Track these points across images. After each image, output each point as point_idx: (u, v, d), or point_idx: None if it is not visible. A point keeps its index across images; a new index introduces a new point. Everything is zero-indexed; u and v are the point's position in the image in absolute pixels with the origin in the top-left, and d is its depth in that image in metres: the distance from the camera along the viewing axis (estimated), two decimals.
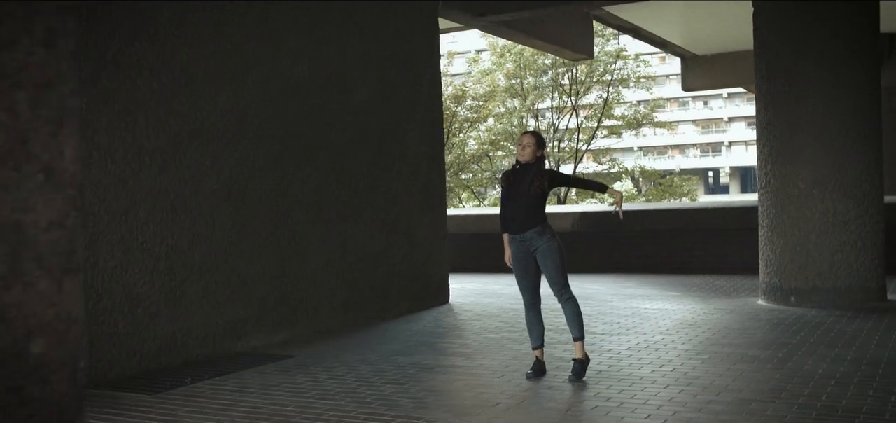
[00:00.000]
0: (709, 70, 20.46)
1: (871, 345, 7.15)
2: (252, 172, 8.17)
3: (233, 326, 7.93)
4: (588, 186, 6.94)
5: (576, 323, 6.39)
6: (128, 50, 6.99)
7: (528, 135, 6.49)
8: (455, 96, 32.47)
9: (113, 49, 6.87)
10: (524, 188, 6.32)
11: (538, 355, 6.53)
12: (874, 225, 9.51)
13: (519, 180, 6.36)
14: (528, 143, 6.40)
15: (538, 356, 6.52)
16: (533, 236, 6.33)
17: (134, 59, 7.04)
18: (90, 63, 6.70)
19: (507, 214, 6.42)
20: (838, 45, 9.39)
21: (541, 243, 6.33)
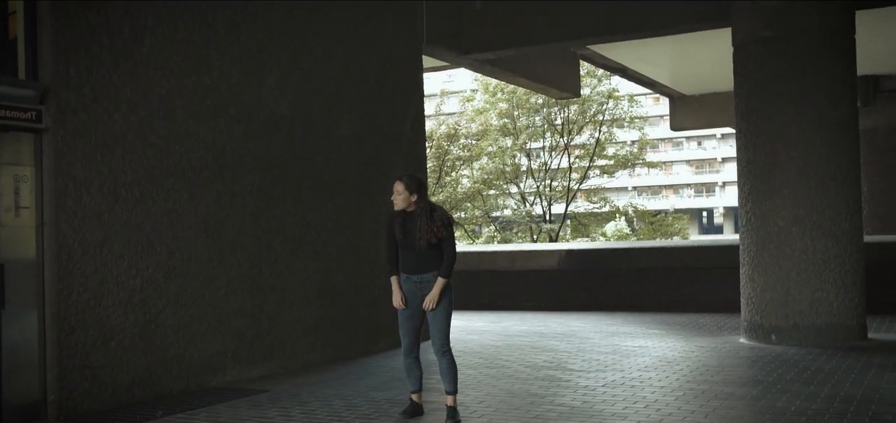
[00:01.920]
0: (697, 110, 20.58)
1: (847, 383, 7.14)
2: (231, 206, 8.18)
3: (208, 360, 7.90)
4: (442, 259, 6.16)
5: (450, 378, 6.15)
6: (106, 83, 7.02)
7: (398, 182, 6.10)
8: (448, 135, 32.60)
9: (91, 82, 6.90)
10: (414, 239, 6.04)
11: (416, 398, 6.39)
12: (854, 264, 9.52)
13: (409, 229, 6.08)
14: (399, 191, 6.07)
15: (415, 399, 6.39)
16: (431, 279, 6.08)
17: (112, 91, 7.07)
18: (68, 95, 6.73)
19: (402, 258, 6.15)
20: (815, 87, 9.46)
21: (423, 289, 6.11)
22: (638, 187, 66.61)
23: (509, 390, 7.33)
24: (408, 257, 6.12)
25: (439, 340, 6.14)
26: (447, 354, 6.17)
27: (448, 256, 6.06)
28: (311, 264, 9.16)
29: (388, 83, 10.43)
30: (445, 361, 6.15)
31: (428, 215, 6.06)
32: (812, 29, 9.47)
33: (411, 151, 10.83)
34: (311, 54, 9.23)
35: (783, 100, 9.52)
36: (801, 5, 9.42)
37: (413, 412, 6.36)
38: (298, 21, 9.08)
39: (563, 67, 15.35)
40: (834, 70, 9.56)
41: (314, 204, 9.23)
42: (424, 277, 6.09)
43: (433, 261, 6.06)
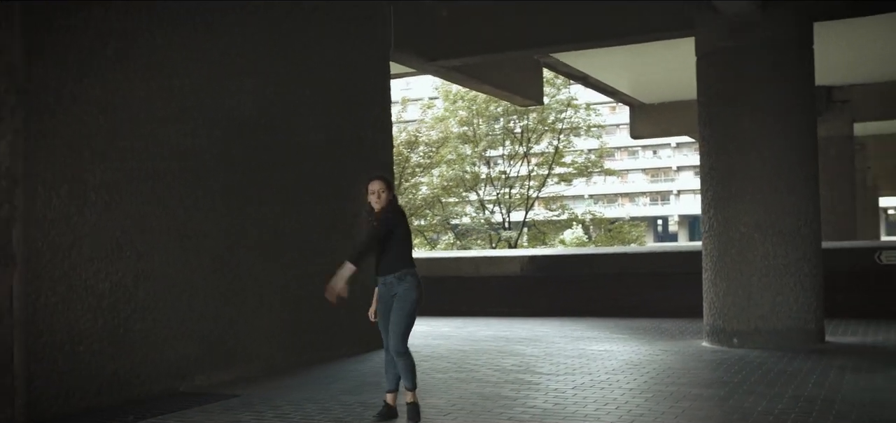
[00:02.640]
0: (656, 118, 20.90)
1: (809, 384, 7.31)
2: (199, 211, 8.14)
3: (177, 365, 7.84)
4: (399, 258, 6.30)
5: (407, 375, 6.20)
6: (74, 85, 6.96)
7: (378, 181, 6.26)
8: (408, 142, 32.67)
9: (59, 84, 6.84)
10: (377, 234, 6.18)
11: (389, 399, 6.41)
12: (813, 269, 9.74)
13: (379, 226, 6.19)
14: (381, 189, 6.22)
15: (389, 401, 6.41)
16: (394, 281, 6.20)
17: (80, 94, 7.01)
18: (35, 97, 6.66)
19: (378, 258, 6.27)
20: (776, 96, 9.68)
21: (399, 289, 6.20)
22: (594, 195, 67.25)
23: (480, 393, 7.39)
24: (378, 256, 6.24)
25: (394, 341, 6.18)
26: (403, 356, 6.18)
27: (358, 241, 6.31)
28: (279, 268, 9.14)
29: (355, 89, 10.46)
30: (401, 362, 6.19)
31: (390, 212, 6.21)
32: (773, 40, 9.68)
33: (378, 157, 10.86)
34: (278, 60, 9.23)
35: (745, 108, 9.72)
36: (763, 17, 9.63)
37: (387, 415, 6.38)
38: (266, 26, 9.08)
39: (527, 75, 15.49)
40: (794, 80, 9.79)
41: (282, 209, 9.21)
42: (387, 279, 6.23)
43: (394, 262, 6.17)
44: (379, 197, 6.23)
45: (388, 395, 6.43)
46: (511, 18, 12.09)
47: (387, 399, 6.44)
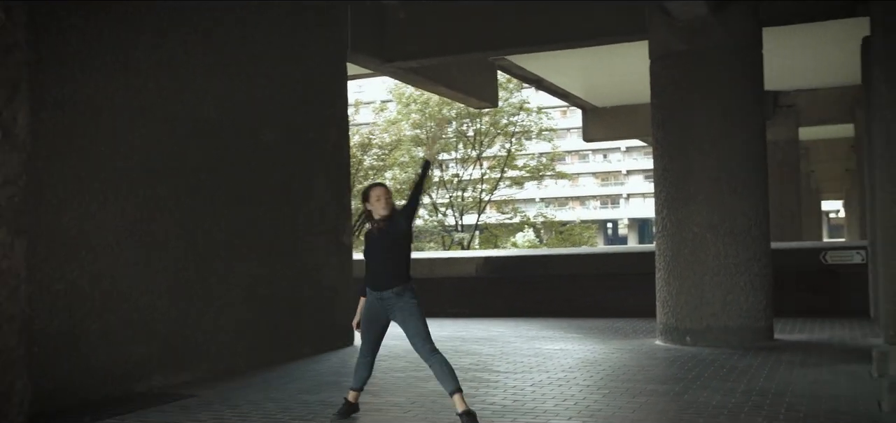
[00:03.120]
0: (609, 121, 21.18)
1: (761, 378, 7.50)
2: (157, 210, 8.08)
3: (133, 366, 7.77)
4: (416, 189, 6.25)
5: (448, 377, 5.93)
6: (30, 81, 6.85)
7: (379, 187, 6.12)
8: (361, 145, 32.59)
9: None
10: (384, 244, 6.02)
11: (351, 397, 6.38)
12: (762, 268, 9.97)
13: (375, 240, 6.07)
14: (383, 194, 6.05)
15: (350, 398, 6.38)
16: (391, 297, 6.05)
17: (36, 90, 6.91)
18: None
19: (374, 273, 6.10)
20: (727, 99, 9.88)
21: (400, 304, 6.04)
22: (545, 199, 67.79)
23: (440, 391, 7.38)
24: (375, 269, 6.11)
25: (422, 346, 5.99)
26: (435, 355, 5.97)
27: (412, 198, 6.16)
28: (237, 269, 9.10)
29: (313, 90, 10.45)
30: (437, 364, 5.94)
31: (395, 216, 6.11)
32: (723, 44, 9.89)
33: (336, 158, 10.87)
34: (237, 60, 9.19)
35: (697, 111, 9.92)
36: (714, 21, 9.83)
37: (347, 412, 6.38)
38: (225, 26, 9.04)
39: (482, 77, 15.61)
40: (744, 83, 10.01)
41: (240, 209, 9.18)
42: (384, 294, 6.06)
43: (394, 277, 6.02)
44: (386, 202, 6.04)
45: (351, 393, 6.44)
46: (467, 20, 12.18)
47: (349, 397, 6.44)
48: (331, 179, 10.72)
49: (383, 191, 6.10)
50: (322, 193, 10.54)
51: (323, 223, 10.54)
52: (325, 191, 10.60)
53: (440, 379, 5.98)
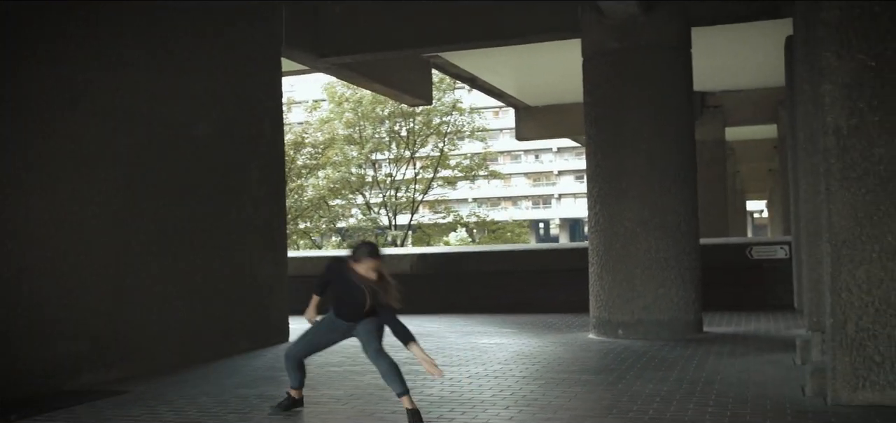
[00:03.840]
0: (541, 120, 21.40)
1: (691, 368, 7.69)
2: (87, 203, 7.91)
3: (63, 362, 7.59)
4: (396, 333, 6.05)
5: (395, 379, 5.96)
6: None
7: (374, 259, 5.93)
8: (294, 143, 32.33)
9: None
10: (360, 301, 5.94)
11: (294, 394, 6.33)
12: (692, 263, 10.21)
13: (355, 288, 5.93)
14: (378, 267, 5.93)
15: (294, 395, 6.33)
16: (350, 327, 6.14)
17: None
18: None
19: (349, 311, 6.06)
20: (658, 97, 10.10)
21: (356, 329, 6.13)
22: (478, 199, 68.14)
23: (376, 383, 7.42)
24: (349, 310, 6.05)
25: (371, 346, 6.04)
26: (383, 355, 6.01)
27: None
28: (170, 264, 8.97)
29: (247, 85, 10.35)
30: (384, 363, 5.97)
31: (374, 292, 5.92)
32: (654, 43, 10.10)
33: (270, 154, 10.78)
34: (170, 53, 9.06)
35: (629, 109, 10.11)
36: (645, 21, 10.04)
37: (289, 405, 6.33)
38: (158, 19, 8.90)
39: (417, 75, 15.64)
40: (673, 82, 10.24)
41: (173, 204, 9.04)
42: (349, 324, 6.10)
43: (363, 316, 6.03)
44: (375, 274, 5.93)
45: (293, 390, 6.36)
46: (402, 17, 12.19)
47: (291, 392, 6.37)
48: (265, 175, 10.63)
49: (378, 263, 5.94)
50: (256, 189, 10.44)
51: (257, 218, 10.44)
52: (260, 186, 10.51)
53: (388, 381, 5.98)
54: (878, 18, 5.81)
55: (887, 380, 5.76)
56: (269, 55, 10.90)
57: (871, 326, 5.79)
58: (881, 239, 5.78)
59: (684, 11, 10.31)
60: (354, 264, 5.91)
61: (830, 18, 5.89)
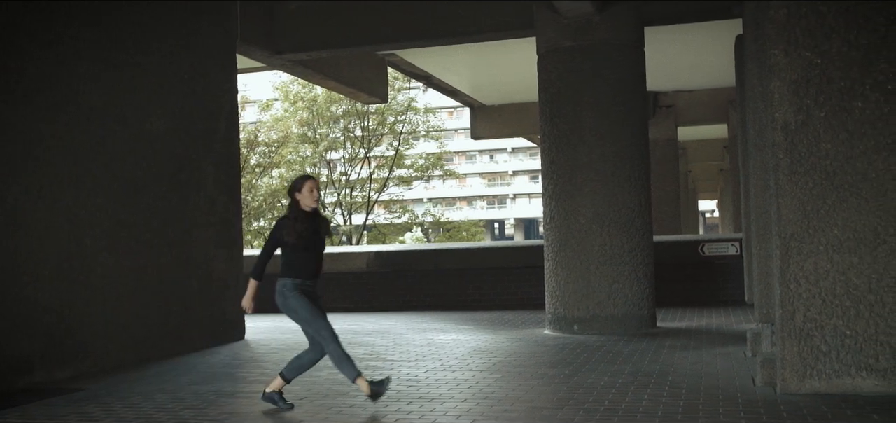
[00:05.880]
0: (496, 119, 21.52)
1: (645, 361, 7.81)
2: (39, 199, 7.80)
3: (14, 361, 7.48)
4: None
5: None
6: None
7: (314, 179, 6.21)
8: (248, 142, 32.09)
9: None
10: (320, 236, 6.17)
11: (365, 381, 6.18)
12: (645, 258, 10.36)
13: (313, 228, 6.13)
14: (314, 189, 6.14)
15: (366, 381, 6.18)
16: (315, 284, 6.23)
17: None
18: None
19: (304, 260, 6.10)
20: (612, 95, 10.23)
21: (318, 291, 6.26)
22: (433, 199, 68.23)
23: (334, 378, 7.44)
24: (309, 259, 6.11)
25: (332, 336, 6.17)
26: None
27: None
28: (124, 261, 8.87)
29: (201, 81, 10.27)
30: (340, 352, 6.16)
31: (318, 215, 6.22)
32: (610, 41, 10.23)
33: (225, 151, 10.71)
34: (124, 48, 8.96)
35: (583, 106, 10.22)
36: (598, 20, 10.17)
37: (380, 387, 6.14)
38: (112, 13, 8.80)
39: (373, 73, 15.64)
40: (627, 80, 10.38)
41: (127, 200, 8.95)
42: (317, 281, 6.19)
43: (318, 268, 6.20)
44: (317, 196, 6.18)
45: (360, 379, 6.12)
46: (357, 15, 12.19)
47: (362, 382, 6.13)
48: (220, 171, 10.56)
49: (316, 184, 6.19)
50: (211, 185, 10.37)
51: (212, 215, 10.37)
52: (215, 183, 10.44)
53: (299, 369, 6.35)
54: (824, 17, 5.97)
55: (833, 369, 5.92)
56: (225, 52, 10.83)
57: (819, 317, 5.95)
58: (827, 232, 5.93)
59: (637, 11, 10.46)
60: (298, 194, 6.12)
61: (778, 17, 6.04)
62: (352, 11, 12.20)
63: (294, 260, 6.10)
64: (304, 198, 6.12)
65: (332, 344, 6.13)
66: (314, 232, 6.16)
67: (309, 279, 6.15)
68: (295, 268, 6.10)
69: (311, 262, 6.14)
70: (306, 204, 6.13)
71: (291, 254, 6.09)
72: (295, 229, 6.06)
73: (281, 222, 6.18)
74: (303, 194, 6.13)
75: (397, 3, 12.07)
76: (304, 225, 6.10)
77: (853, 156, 5.91)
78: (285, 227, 6.11)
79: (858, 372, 5.89)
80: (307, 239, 6.10)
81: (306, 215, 6.14)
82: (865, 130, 5.90)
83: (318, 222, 6.21)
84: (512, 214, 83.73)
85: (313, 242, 6.15)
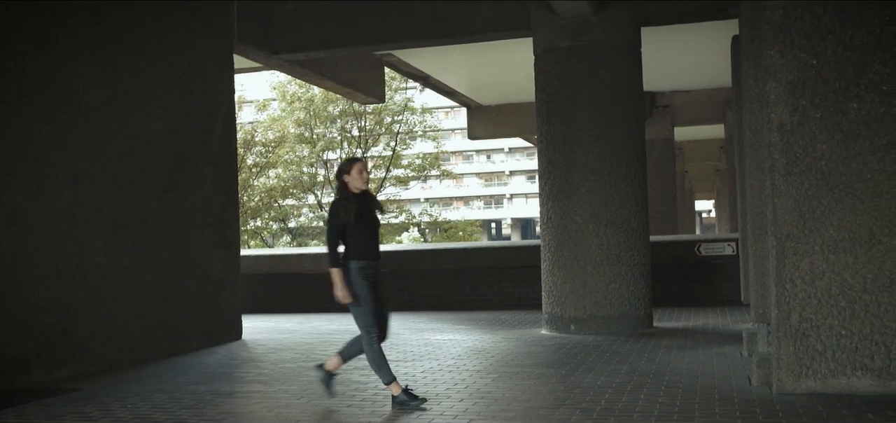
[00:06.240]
0: (493, 120, 21.53)
1: (641, 361, 7.84)
2: (37, 199, 7.81)
3: (12, 361, 7.48)
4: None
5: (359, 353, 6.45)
6: None
7: (363, 161, 6.32)
8: (245, 142, 32.07)
9: None
10: (373, 214, 6.24)
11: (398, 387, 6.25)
12: (642, 258, 10.38)
13: (368, 209, 6.20)
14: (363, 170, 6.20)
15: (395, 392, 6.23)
16: (377, 267, 6.23)
17: None
18: None
19: (365, 241, 6.11)
20: (609, 95, 10.25)
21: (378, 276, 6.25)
22: (430, 199, 68.18)
23: None
24: (370, 238, 6.15)
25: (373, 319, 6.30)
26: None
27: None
28: (121, 261, 8.88)
29: (199, 82, 10.28)
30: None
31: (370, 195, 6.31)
32: (605, 42, 10.25)
33: (223, 151, 10.72)
34: (122, 48, 8.98)
35: (580, 106, 10.25)
36: (595, 20, 10.19)
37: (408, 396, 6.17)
38: (110, 13, 8.81)
39: (370, 73, 15.64)
40: (624, 80, 10.40)
41: (124, 200, 8.96)
42: (377, 263, 6.20)
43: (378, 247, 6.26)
44: (367, 178, 6.26)
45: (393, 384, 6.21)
46: (354, 15, 12.20)
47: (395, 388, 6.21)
48: (218, 171, 10.57)
49: (364, 165, 6.27)
50: (208, 186, 10.38)
51: (210, 215, 10.38)
52: (212, 183, 10.44)
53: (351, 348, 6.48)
54: (820, 18, 5.99)
55: (829, 369, 5.95)
56: (222, 52, 10.84)
57: (814, 317, 5.98)
58: (823, 232, 5.96)
59: (634, 11, 10.48)
60: (347, 177, 6.16)
61: (774, 18, 6.07)
62: (349, 12, 12.20)
63: (354, 242, 6.10)
64: (354, 179, 6.18)
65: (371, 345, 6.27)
66: (368, 211, 6.21)
67: (372, 260, 6.17)
68: (357, 250, 6.11)
69: (371, 241, 6.19)
70: (355, 186, 6.18)
71: (351, 236, 6.10)
72: (352, 209, 6.09)
73: (336, 205, 6.18)
74: (352, 176, 6.17)
75: (394, 4, 12.08)
76: (358, 205, 6.13)
77: (848, 156, 5.94)
78: (341, 209, 6.11)
79: (854, 372, 5.91)
80: (364, 218, 6.13)
81: (356, 196, 6.17)
82: (860, 130, 5.93)
83: (370, 201, 6.27)
84: (509, 214, 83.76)
85: (369, 222, 6.19)
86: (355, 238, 6.08)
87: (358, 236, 6.09)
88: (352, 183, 6.18)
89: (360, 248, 6.09)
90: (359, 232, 6.09)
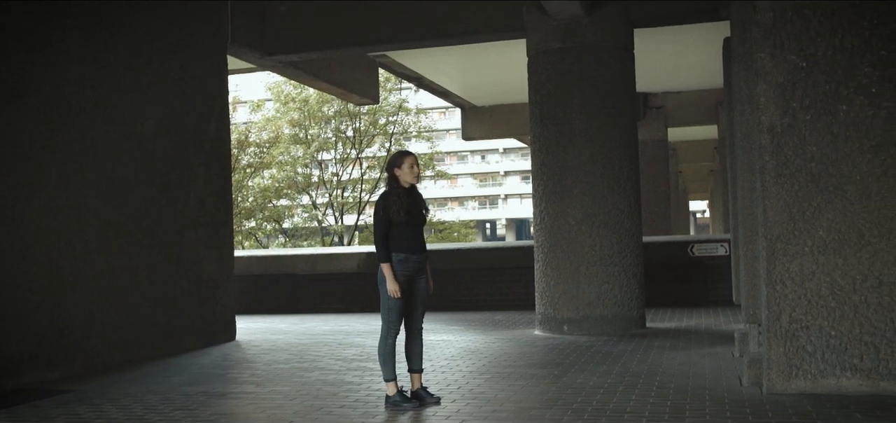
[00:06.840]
0: (487, 120, 21.55)
1: (633, 362, 7.87)
2: (29, 199, 7.81)
3: (4, 362, 7.49)
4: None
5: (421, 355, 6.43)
6: None
7: (414, 155, 6.26)
8: (239, 142, 32.07)
9: None
10: (420, 211, 6.23)
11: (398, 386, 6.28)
12: (635, 259, 10.41)
13: (415, 203, 6.20)
14: (414, 164, 6.19)
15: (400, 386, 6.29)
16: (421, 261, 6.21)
17: None
18: None
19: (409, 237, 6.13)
20: (601, 96, 10.28)
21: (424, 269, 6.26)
22: (425, 199, 68.11)
23: (324, 380, 7.49)
24: (415, 234, 6.15)
25: (419, 316, 6.39)
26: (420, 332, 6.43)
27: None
28: (114, 262, 8.89)
29: (192, 83, 10.28)
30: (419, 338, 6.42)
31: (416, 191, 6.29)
32: (598, 44, 10.28)
33: (216, 152, 10.73)
34: (115, 49, 8.98)
35: (573, 108, 10.27)
36: (587, 21, 10.22)
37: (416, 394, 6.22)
38: (103, 14, 8.81)
39: (364, 74, 15.64)
40: (616, 81, 10.43)
41: (116, 201, 8.96)
42: (423, 255, 6.20)
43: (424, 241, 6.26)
44: (418, 172, 6.24)
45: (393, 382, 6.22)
46: (348, 16, 12.20)
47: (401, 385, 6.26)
48: (211, 172, 10.58)
49: (415, 160, 6.25)
50: (201, 186, 10.38)
51: (203, 216, 10.38)
52: (205, 184, 10.45)
53: (416, 355, 6.38)
54: (809, 21, 6.03)
55: (819, 369, 5.98)
56: (215, 53, 10.84)
57: (804, 317, 6.01)
58: (813, 233, 5.99)
59: (626, 12, 10.51)
60: (397, 170, 6.15)
61: (764, 20, 6.10)
62: (343, 13, 12.21)
63: (399, 236, 6.10)
64: (405, 174, 6.16)
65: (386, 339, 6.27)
66: (416, 207, 6.21)
67: (412, 254, 6.14)
68: (399, 244, 6.10)
69: (416, 238, 6.18)
70: (406, 180, 6.16)
71: (397, 230, 6.10)
72: (401, 205, 6.08)
73: (385, 199, 6.14)
74: (403, 170, 6.15)
75: (388, 5, 12.09)
76: (408, 200, 6.14)
77: (838, 158, 5.98)
78: (391, 205, 6.09)
79: (843, 372, 5.95)
80: (412, 215, 6.14)
81: (406, 191, 6.16)
82: (850, 132, 5.97)
83: (417, 198, 6.26)
84: (503, 214, 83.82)
85: (416, 218, 6.18)
86: (400, 234, 6.10)
87: (404, 231, 6.11)
88: (402, 177, 6.15)
89: (402, 242, 6.10)
90: (405, 227, 6.10)
